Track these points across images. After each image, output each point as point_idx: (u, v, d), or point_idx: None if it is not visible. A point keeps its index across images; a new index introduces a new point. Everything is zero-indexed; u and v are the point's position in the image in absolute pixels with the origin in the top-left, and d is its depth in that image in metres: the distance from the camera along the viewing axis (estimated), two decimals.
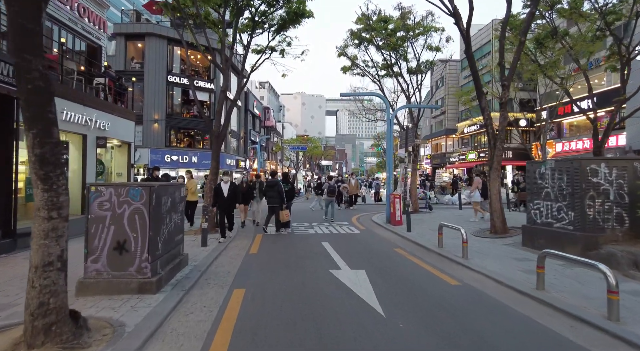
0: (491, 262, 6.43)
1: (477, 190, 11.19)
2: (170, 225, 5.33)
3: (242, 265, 6.36)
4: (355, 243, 8.54)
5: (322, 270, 5.94)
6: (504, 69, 8.99)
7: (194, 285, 5.10)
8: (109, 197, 4.48)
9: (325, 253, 7.37)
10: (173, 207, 5.43)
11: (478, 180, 11.42)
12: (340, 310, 4.13)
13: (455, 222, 10.60)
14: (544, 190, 7.31)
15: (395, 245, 8.40)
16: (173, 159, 24.56)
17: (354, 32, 15.24)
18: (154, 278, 4.55)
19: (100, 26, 12.59)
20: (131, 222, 4.50)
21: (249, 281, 5.31)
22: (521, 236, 8.75)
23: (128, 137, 12.79)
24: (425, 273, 5.94)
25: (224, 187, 8.58)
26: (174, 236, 5.53)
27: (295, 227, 11.00)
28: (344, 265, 6.32)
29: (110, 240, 4.46)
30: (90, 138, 10.41)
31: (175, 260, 5.54)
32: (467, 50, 9.06)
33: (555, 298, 4.42)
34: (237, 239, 9.11)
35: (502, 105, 8.88)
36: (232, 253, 7.37)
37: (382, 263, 6.52)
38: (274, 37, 12.95)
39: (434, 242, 8.29)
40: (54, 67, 9.07)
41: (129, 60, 24.71)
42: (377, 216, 13.67)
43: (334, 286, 5.07)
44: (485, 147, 36.25)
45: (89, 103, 10.13)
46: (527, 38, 16.12)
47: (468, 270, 6.12)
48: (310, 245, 8.20)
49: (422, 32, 14.92)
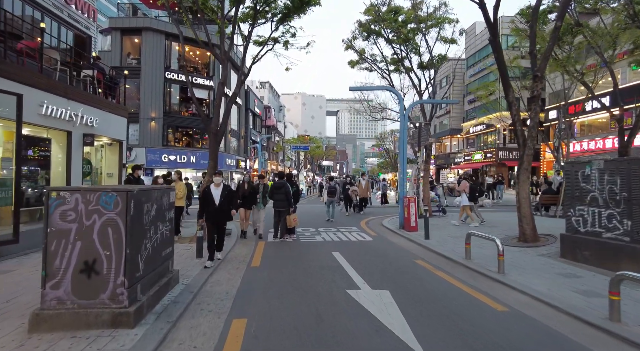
0: (533, 279, 5.49)
1: (465, 193, 10.77)
2: (156, 237, 4.38)
3: (242, 283, 5.41)
4: (370, 254, 7.59)
5: (338, 291, 4.99)
6: (535, 58, 8.04)
7: (184, 312, 4.15)
8: (75, 205, 3.54)
9: (338, 266, 6.42)
10: (159, 215, 4.49)
11: (465, 183, 10.98)
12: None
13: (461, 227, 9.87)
14: (589, 195, 6.36)
15: (415, 256, 7.45)
16: (170, 159, 23.61)
17: (362, 23, 14.30)
18: (132, 307, 3.60)
19: (90, 14, 11.65)
20: (103, 236, 3.56)
21: (250, 308, 4.35)
22: (556, 245, 7.84)
23: (119, 134, 11.84)
24: (461, 294, 4.99)
25: (215, 192, 6.36)
26: (161, 250, 4.58)
27: (300, 233, 10.06)
28: (362, 283, 5.38)
29: (76, 260, 3.52)
30: (76, 135, 9.46)
31: (162, 279, 4.59)
32: (494, 39, 8.12)
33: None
34: (237, 247, 8.15)
35: (533, 99, 7.94)
36: (231, 266, 6.42)
37: (407, 281, 5.58)
38: (277, 28, 12.02)
39: (459, 252, 7.36)
40: (33, 55, 8.12)
41: (125, 56, 23.76)
42: (387, 220, 12.72)
43: (356, 316, 4.11)
44: (492, 147, 35.31)
45: (74, 97, 9.18)
46: (542, 31, 15.26)
47: (509, 289, 5.18)
48: (319, 256, 7.25)
49: (434, 23, 13.99)
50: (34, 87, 7.85)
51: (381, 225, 11.91)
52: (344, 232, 10.41)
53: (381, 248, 8.29)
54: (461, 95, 41.14)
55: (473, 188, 10.81)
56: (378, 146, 57.01)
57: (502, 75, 8.37)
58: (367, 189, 13.41)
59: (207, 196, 6.34)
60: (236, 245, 8.35)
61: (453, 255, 7.21)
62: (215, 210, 6.33)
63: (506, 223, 11.38)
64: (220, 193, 6.38)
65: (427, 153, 13.58)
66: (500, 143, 34.28)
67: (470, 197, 10.78)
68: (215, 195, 6.35)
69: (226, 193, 6.42)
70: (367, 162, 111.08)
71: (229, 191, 6.54)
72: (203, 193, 6.42)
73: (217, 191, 6.40)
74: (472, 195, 10.69)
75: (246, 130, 35.02)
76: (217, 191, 6.40)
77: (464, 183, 10.93)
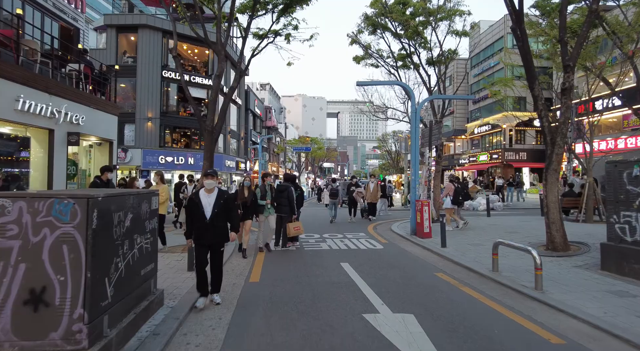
0: (580, 298, 4.66)
1: (449, 196, 10.32)
2: (132, 253, 3.57)
3: (238, 305, 4.57)
4: (384, 266, 6.76)
5: (354, 317, 4.16)
6: (566, 46, 7.23)
7: (165, 348, 3.33)
8: (18, 216, 2.73)
9: (350, 282, 5.59)
10: (137, 226, 3.68)
11: (450, 186, 10.51)
12: None
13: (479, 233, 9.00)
14: (638, 199, 5.54)
15: (435, 268, 6.62)
16: (168, 161, 22.79)
17: (368, 16, 13.52)
18: (95, 347, 2.79)
19: (77, 5, 10.88)
20: (56, 256, 2.75)
21: (248, 343, 3.52)
22: (591, 255, 7.02)
23: (110, 134, 11.06)
24: (499, 318, 4.16)
25: (206, 200, 4.51)
26: (139, 269, 3.76)
27: (304, 240, 9.24)
28: (381, 304, 4.55)
29: (19, 288, 2.70)
30: (59, 133, 8.68)
31: (141, 303, 3.78)
32: (519, 26, 7.31)
33: None
34: (234, 258, 7.33)
35: (564, 92, 7.13)
36: (227, 281, 5.59)
37: (432, 301, 4.75)
38: (278, 19, 11.23)
39: (484, 263, 6.54)
40: (7, 44, 7.34)
41: (121, 54, 22.99)
42: (396, 225, 11.89)
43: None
44: (498, 148, 34.49)
45: (56, 92, 8.40)
46: (555, 24, 14.45)
47: (556, 312, 4.35)
48: (327, 269, 6.42)
49: (444, 16, 13.21)
50: (8, 79, 7.07)
51: (390, 230, 11.08)
52: (351, 238, 9.58)
53: (395, 258, 7.46)
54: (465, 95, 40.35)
55: (457, 191, 10.50)
56: (380, 148, 56.18)
57: (527, 66, 7.55)
58: (376, 192, 12.15)
59: (194, 206, 4.45)
60: (233, 255, 7.51)
61: (477, 267, 6.38)
62: (205, 226, 4.38)
63: (524, 228, 10.56)
64: (213, 202, 4.47)
65: (438, 154, 12.77)
66: (506, 144, 33.45)
67: (454, 201, 10.38)
68: (205, 204, 4.44)
69: (221, 203, 4.50)
70: (368, 164, 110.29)
71: (226, 199, 4.58)
72: (189, 202, 4.61)
73: (209, 199, 4.48)
74: (456, 199, 10.36)
75: (246, 131, 34.24)
76: (209, 199, 4.48)
77: (450, 186, 10.53)
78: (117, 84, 15.55)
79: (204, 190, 4.57)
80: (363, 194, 11.63)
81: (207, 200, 4.50)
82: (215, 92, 8.34)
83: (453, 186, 10.49)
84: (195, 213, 4.45)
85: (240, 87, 32.44)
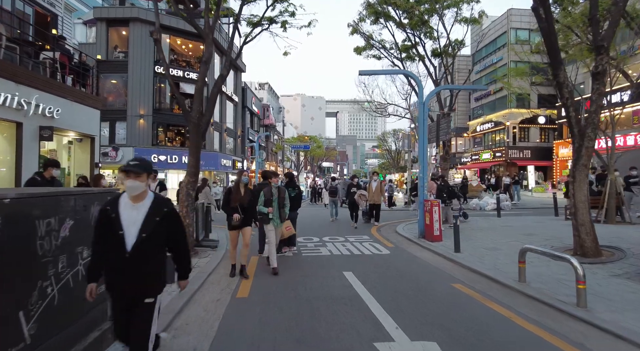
0: (634, 318, 3.84)
1: (432, 195, 9.97)
2: (74, 272, 2.72)
3: (220, 330, 3.71)
4: (393, 275, 5.91)
5: (362, 347, 3.31)
6: (598, 25, 6.40)
7: None
8: None
9: (355, 296, 4.74)
10: (82, 236, 2.83)
11: (433, 184, 10.26)
12: None
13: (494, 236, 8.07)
14: None
15: (451, 277, 5.78)
16: (161, 159, 21.90)
17: (370, 3, 12.67)
18: None
19: None
20: None
21: None
22: (628, 261, 6.19)
23: (91, 129, 10.20)
24: (544, 346, 3.33)
25: (127, 215, 2.43)
26: None
27: (302, 244, 8.40)
28: (395, 328, 3.70)
29: None
30: (29, 127, 7.83)
31: (89, 335, 2.93)
32: (544, 4, 6.47)
33: None
34: (222, 266, 6.47)
35: (596, 76, 6.30)
36: (210, 297, 4.74)
37: (454, 321, 3.90)
38: (273, 4, 10.37)
39: (505, 271, 5.74)
40: None
41: (112, 49, 22.12)
42: (401, 226, 11.05)
43: None
44: (501, 146, 33.67)
45: (24, 80, 7.54)
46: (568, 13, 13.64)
47: (612, 337, 3.52)
48: (328, 280, 5.57)
49: (451, 3, 12.38)
50: None
51: (396, 232, 10.24)
52: (354, 242, 8.74)
53: (404, 265, 6.62)
54: (467, 93, 39.59)
55: (440, 189, 10.30)
56: (379, 146, 55.27)
57: (550, 49, 6.71)
58: (379, 193, 11.14)
59: (107, 225, 2.41)
60: (221, 263, 6.65)
61: (500, 276, 5.54)
62: (123, 262, 2.37)
63: (540, 229, 9.73)
64: (141, 218, 2.42)
65: (446, 150, 11.94)
66: (510, 142, 32.66)
67: (437, 198, 9.89)
68: (126, 222, 2.40)
69: (156, 221, 2.46)
70: (368, 163, 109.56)
71: (167, 214, 2.53)
72: (99, 216, 2.50)
73: (136, 213, 2.43)
74: (439, 197, 9.99)
75: (243, 129, 33.39)
76: (136, 213, 2.43)
77: (432, 184, 10.28)
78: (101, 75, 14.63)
79: (129, 197, 2.45)
80: (366, 197, 10.64)
81: (131, 215, 2.41)
82: (202, 80, 7.48)
83: (435, 184, 10.36)
84: (107, 238, 2.41)
85: (237, 84, 31.57)
